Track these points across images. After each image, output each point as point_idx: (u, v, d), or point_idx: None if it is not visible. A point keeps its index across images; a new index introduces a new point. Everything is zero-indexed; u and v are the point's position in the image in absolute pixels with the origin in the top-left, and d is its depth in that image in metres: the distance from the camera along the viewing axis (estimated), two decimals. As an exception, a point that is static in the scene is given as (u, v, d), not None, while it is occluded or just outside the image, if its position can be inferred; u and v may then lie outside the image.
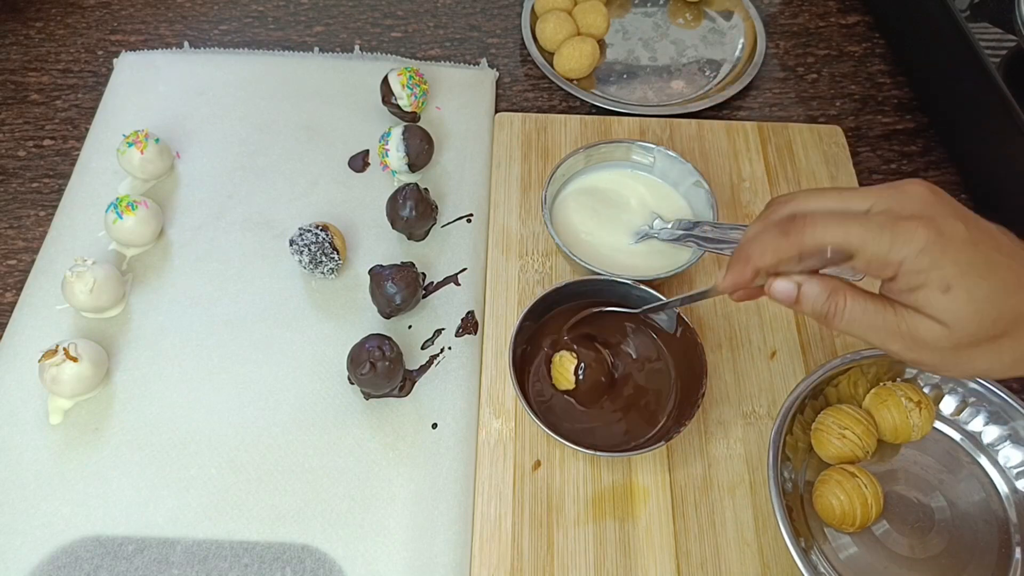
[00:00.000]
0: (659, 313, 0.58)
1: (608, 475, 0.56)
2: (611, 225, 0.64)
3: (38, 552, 0.52)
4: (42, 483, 0.54)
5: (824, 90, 0.79)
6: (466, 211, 0.68)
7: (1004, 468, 0.56)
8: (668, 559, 0.53)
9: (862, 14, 0.86)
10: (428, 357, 0.60)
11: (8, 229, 0.68)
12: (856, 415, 0.54)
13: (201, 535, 0.53)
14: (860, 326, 0.40)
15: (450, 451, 0.56)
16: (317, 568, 0.52)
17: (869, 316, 0.40)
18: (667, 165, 0.66)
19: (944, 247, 0.37)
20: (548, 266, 0.65)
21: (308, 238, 0.61)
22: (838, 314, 0.40)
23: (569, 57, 0.75)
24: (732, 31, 0.83)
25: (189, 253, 0.65)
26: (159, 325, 0.61)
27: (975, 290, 0.37)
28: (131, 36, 0.81)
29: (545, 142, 0.72)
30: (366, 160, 0.71)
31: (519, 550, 0.53)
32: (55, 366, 0.55)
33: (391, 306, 0.59)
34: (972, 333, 0.37)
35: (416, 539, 0.53)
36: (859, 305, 0.40)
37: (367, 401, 0.58)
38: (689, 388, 0.56)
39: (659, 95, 0.78)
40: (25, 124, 0.74)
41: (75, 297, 0.58)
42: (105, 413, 0.57)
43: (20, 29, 0.81)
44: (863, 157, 0.74)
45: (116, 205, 0.62)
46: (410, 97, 0.70)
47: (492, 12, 0.84)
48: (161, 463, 0.55)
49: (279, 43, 0.81)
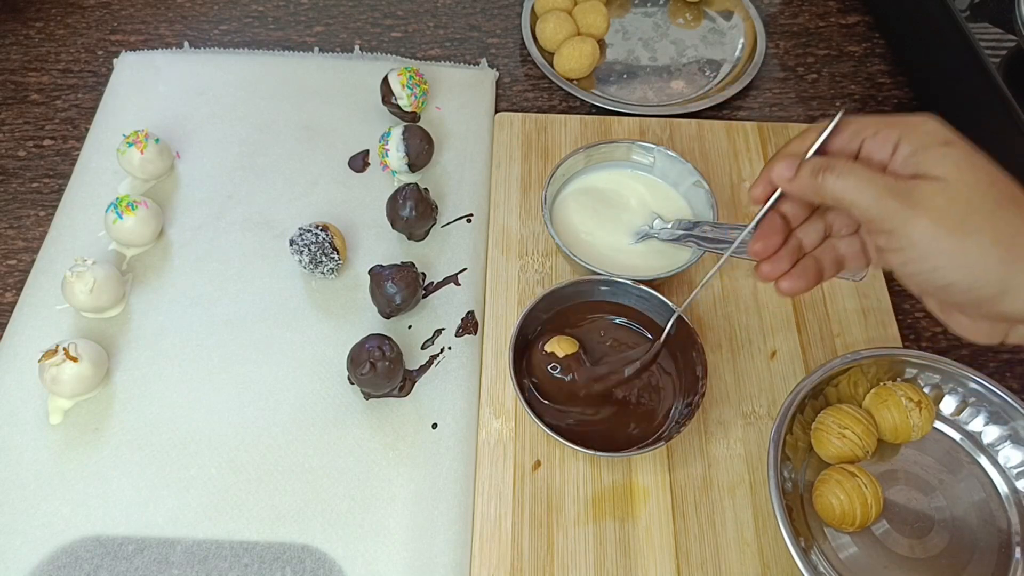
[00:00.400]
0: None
1: (608, 475, 0.56)
2: (611, 225, 0.64)
3: (38, 552, 0.52)
4: (42, 483, 0.54)
5: (824, 90, 0.79)
6: (466, 211, 0.68)
7: (1004, 468, 0.56)
8: (668, 559, 0.53)
9: (862, 14, 0.86)
10: (428, 357, 0.60)
11: (8, 229, 0.68)
12: (856, 415, 0.54)
13: (201, 535, 0.53)
14: (851, 182, 0.39)
15: (450, 451, 0.56)
16: (317, 568, 0.52)
17: (860, 173, 0.39)
18: (667, 165, 0.66)
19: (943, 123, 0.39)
20: (548, 266, 0.65)
21: (308, 238, 0.61)
22: (831, 172, 0.40)
23: (569, 57, 0.75)
24: (732, 31, 0.83)
25: (189, 253, 0.65)
26: (159, 325, 0.61)
27: (974, 154, 0.38)
28: (131, 36, 0.81)
29: (545, 142, 0.72)
30: (366, 160, 0.71)
31: (519, 550, 0.53)
32: (55, 366, 0.55)
33: (391, 306, 0.59)
34: (970, 186, 0.37)
35: (416, 539, 0.53)
36: (851, 166, 0.40)
37: (367, 401, 0.58)
38: (689, 388, 0.56)
39: (659, 95, 0.78)
40: (25, 124, 0.74)
41: (75, 297, 0.58)
42: (105, 413, 0.57)
43: (20, 29, 0.81)
44: (863, 157, 0.74)
45: (116, 205, 0.62)
46: (410, 97, 0.70)
47: (492, 12, 0.84)
48: (161, 463, 0.55)
49: (279, 43, 0.81)
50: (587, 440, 0.54)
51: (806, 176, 0.41)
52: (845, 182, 0.39)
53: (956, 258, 0.37)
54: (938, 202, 0.37)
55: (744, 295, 0.64)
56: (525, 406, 0.53)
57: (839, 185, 0.39)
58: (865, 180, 0.39)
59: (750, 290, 0.64)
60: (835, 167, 0.40)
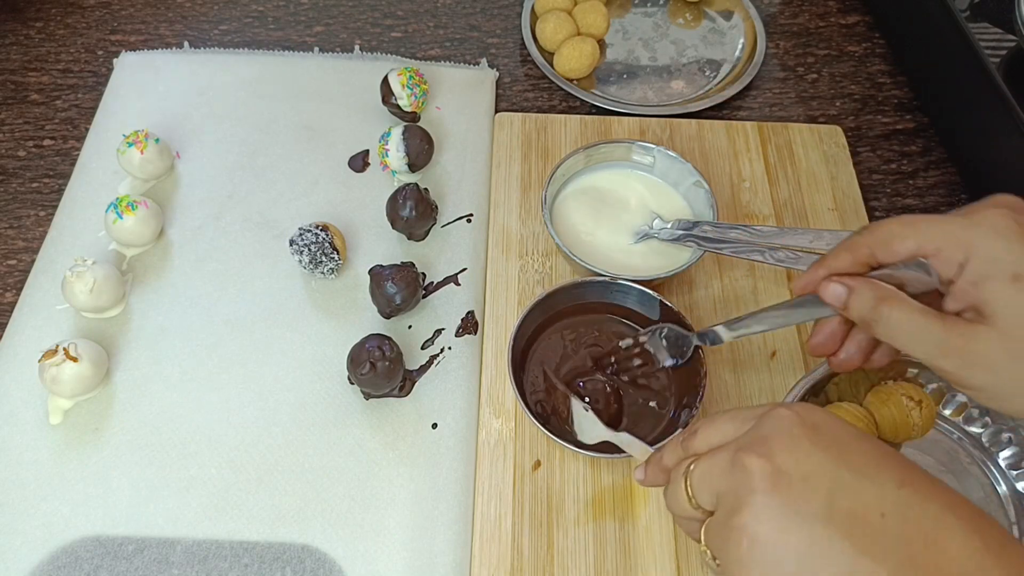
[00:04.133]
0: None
1: (608, 475, 0.56)
2: (611, 225, 0.64)
3: (38, 552, 0.52)
4: (42, 483, 0.54)
5: (824, 90, 0.79)
6: (466, 211, 0.68)
7: (1004, 469, 0.56)
8: (668, 559, 0.53)
9: (862, 14, 0.86)
10: (428, 357, 0.60)
11: (8, 229, 0.68)
12: (856, 413, 0.54)
13: (201, 535, 0.53)
14: (904, 334, 0.39)
15: (450, 451, 0.56)
16: (317, 568, 0.52)
17: (915, 325, 0.38)
18: (667, 165, 0.66)
19: (1021, 234, 0.36)
20: (548, 266, 0.65)
21: (308, 238, 0.61)
22: (882, 320, 0.39)
23: (569, 57, 0.75)
24: (732, 31, 0.83)
25: (189, 253, 0.65)
26: (159, 325, 0.61)
27: None
28: (131, 36, 0.81)
29: (545, 142, 0.72)
30: (366, 160, 0.71)
31: (519, 550, 0.53)
32: (55, 366, 0.55)
33: (391, 306, 0.59)
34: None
35: (416, 539, 0.53)
36: (905, 313, 0.39)
37: (367, 401, 0.58)
38: (689, 388, 0.56)
39: (659, 95, 0.78)
40: (25, 124, 0.74)
41: (75, 297, 0.58)
42: (105, 413, 0.57)
43: (20, 29, 0.81)
44: (863, 157, 0.74)
45: (116, 205, 0.62)
46: (410, 97, 0.70)
47: (492, 12, 0.84)
48: (161, 463, 0.55)
49: (279, 43, 0.81)
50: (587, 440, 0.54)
51: (862, 307, 0.40)
52: (899, 329, 0.39)
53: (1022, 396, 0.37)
54: (996, 354, 0.37)
55: (744, 295, 0.64)
56: (524, 407, 0.53)
57: (892, 330, 0.39)
58: (920, 329, 0.38)
59: (750, 290, 0.64)
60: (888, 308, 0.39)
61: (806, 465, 0.32)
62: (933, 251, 0.39)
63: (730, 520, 0.33)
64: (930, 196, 0.72)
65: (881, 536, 0.31)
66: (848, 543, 0.31)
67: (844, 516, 0.31)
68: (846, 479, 0.32)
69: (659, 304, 0.57)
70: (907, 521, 0.31)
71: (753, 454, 0.33)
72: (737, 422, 0.37)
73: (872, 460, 0.33)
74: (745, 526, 0.32)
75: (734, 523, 0.33)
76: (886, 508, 0.31)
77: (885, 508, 0.31)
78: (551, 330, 0.60)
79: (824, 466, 0.32)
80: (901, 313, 0.39)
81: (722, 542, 0.33)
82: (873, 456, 0.33)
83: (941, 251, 0.38)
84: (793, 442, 0.33)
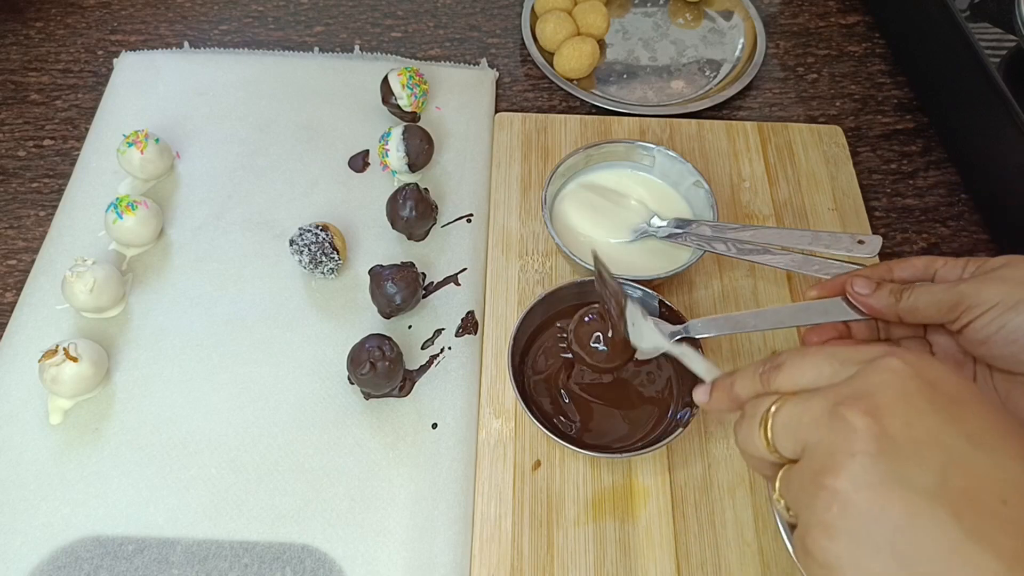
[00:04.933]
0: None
1: (608, 475, 0.56)
2: (611, 225, 0.64)
3: (38, 552, 0.52)
4: (42, 483, 0.54)
5: (824, 90, 0.79)
6: (466, 211, 0.68)
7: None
8: (668, 559, 0.53)
9: (862, 14, 0.86)
10: (428, 357, 0.60)
11: (8, 229, 0.68)
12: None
13: (201, 535, 0.53)
14: (923, 300, 0.43)
15: (450, 451, 0.56)
16: (317, 568, 0.52)
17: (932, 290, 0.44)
18: (667, 165, 0.66)
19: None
20: (548, 266, 0.65)
21: (308, 238, 0.61)
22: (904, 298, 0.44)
23: (569, 57, 0.75)
24: (732, 31, 0.83)
25: (189, 253, 0.65)
26: (159, 325, 0.61)
27: None
28: (131, 36, 0.81)
29: (545, 142, 0.72)
30: (366, 160, 0.71)
31: (519, 550, 0.53)
32: (55, 366, 0.55)
33: (391, 306, 0.59)
34: None
35: (416, 539, 0.53)
36: (924, 286, 0.44)
37: (367, 401, 0.58)
38: (689, 388, 0.56)
39: (659, 95, 0.78)
40: (25, 124, 0.74)
41: (75, 297, 0.58)
42: (105, 413, 0.57)
43: (20, 29, 0.81)
44: (863, 157, 0.74)
45: (116, 205, 0.62)
46: (410, 97, 0.70)
47: (492, 12, 0.84)
48: (161, 463, 0.55)
49: (279, 43, 0.81)
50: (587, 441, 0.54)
51: (884, 294, 0.45)
52: (918, 297, 0.43)
53: None
54: (1006, 272, 0.41)
55: (744, 295, 0.64)
56: (524, 407, 0.53)
57: (913, 300, 0.43)
58: (939, 288, 0.43)
59: (750, 290, 0.64)
60: (913, 286, 0.44)
61: (918, 429, 0.29)
62: (941, 264, 0.45)
63: (821, 479, 0.29)
64: (930, 196, 0.72)
65: (998, 522, 0.27)
66: (957, 524, 0.27)
67: (957, 494, 0.28)
68: (964, 451, 0.28)
69: (659, 304, 0.57)
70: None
71: (858, 409, 0.29)
72: (836, 364, 0.32)
73: (996, 430, 0.29)
74: (839, 489, 0.29)
75: (826, 483, 0.29)
76: (1007, 492, 0.28)
77: (1007, 492, 0.28)
78: (551, 330, 0.60)
79: (940, 433, 0.29)
80: (921, 288, 0.44)
81: (807, 499, 0.30)
82: (997, 425, 0.30)
83: (947, 263, 0.45)
84: (906, 400, 0.29)
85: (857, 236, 0.57)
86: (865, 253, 0.57)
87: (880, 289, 0.45)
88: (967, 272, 0.44)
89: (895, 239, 0.69)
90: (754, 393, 0.35)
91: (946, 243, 0.69)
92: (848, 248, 0.57)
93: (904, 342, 0.47)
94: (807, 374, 0.33)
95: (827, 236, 0.58)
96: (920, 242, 0.69)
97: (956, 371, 0.32)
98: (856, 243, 0.57)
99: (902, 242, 0.69)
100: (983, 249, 0.69)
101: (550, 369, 0.58)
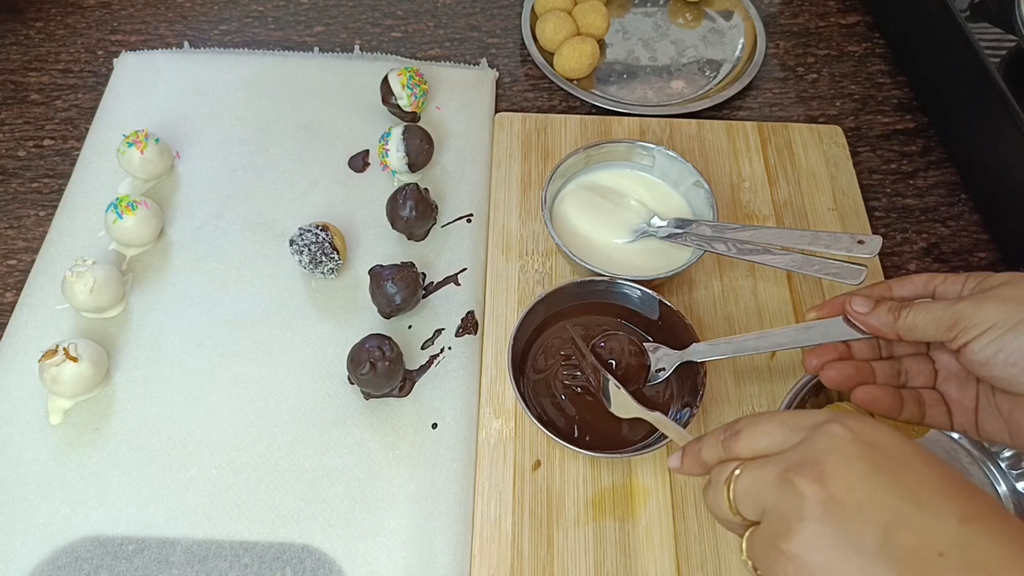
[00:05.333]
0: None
1: (608, 475, 0.56)
2: (611, 225, 0.64)
3: (38, 552, 0.52)
4: (42, 483, 0.54)
5: (824, 90, 0.79)
6: (466, 211, 0.68)
7: (1004, 469, 0.56)
8: (668, 559, 0.53)
9: (862, 14, 0.86)
10: (428, 357, 0.60)
11: (8, 229, 0.68)
12: (857, 412, 0.54)
13: (201, 535, 0.53)
14: (921, 318, 0.43)
15: (450, 451, 0.56)
16: (317, 568, 0.52)
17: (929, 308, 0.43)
18: (667, 165, 0.66)
19: None
20: (548, 266, 0.65)
21: (308, 238, 0.61)
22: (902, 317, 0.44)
23: (569, 57, 0.75)
24: (732, 31, 0.83)
25: (189, 253, 0.65)
26: (159, 325, 0.61)
27: None
28: (131, 36, 0.81)
29: (545, 142, 0.72)
30: (366, 160, 0.71)
31: (519, 550, 0.53)
32: (55, 366, 0.55)
33: (391, 306, 0.59)
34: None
35: (416, 539, 0.53)
36: (922, 304, 0.44)
37: (367, 401, 0.58)
38: (689, 388, 0.56)
39: (659, 95, 0.78)
40: (25, 124, 0.74)
41: (75, 297, 0.58)
42: (105, 413, 0.57)
43: (20, 29, 0.81)
44: (863, 157, 0.74)
45: (116, 205, 0.62)
46: (410, 97, 0.70)
47: (492, 12, 0.84)
48: (161, 463, 0.55)
49: (279, 43, 0.81)
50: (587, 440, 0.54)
51: (883, 312, 0.45)
52: (916, 315, 0.43)
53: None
54: (1006, 291, 0.41)
55: (744, 295, 0.64)
56: (524, 407, 0.53)
57: (911, 318, 0.43)
58: (937, 306, 0.42)
59: (750, 290, 0.64)
60: (912, 304, 0.44)
61: (861, 492, 0.31)
62: (940, 280, 0.45)
63: (777, 543, 0.32)
64: (930, 196, 0.72)
65: (937, 572, 0.29)
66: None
67: (901, 552, 0.29)
68: (904, 510, 0.30)
69: (659, 304, 0.57)
70: (967, 563, 0.29)
71: (805, 476, 0.31)
72: (786, 431, 0.35)
73: (935, 488, 0.31)
74: (794, 554, 0.31)
75: (782, 547, 0.31)
76: (945, 546, 0.29)
77: (944, 546, 0.29)
78: (551, 330, 0.60)
79: (881, 494, 0.31)
80: (919, 306, 0.43)
81: (768, 562, 0.32)
82: (937, 483, 0.31)
83: (947, 279, 0.45)
84: (848, 465, 0.31)
85: (857, 236, 0.57)
86: (865, 253, 0.57)
87: (879, 307, 0.45)
88: (966, 289, 0.43)
89: (895, 239, 0.69)
90: (718, 459, 0.37)
91: (946, 243, 0.69)
92: (848, 248, 0.57)
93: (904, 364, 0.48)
94: (761, 440, 0.35)
95: (827, 236, 0.58)
96: (920, 242, 0.69)
97: (897, 433, 0.33)
98: (856, 243, 0.57)
99: (902, 242, 0.69)
100: (983, 249, 0.69)
101: (550, 369, 0.58)
